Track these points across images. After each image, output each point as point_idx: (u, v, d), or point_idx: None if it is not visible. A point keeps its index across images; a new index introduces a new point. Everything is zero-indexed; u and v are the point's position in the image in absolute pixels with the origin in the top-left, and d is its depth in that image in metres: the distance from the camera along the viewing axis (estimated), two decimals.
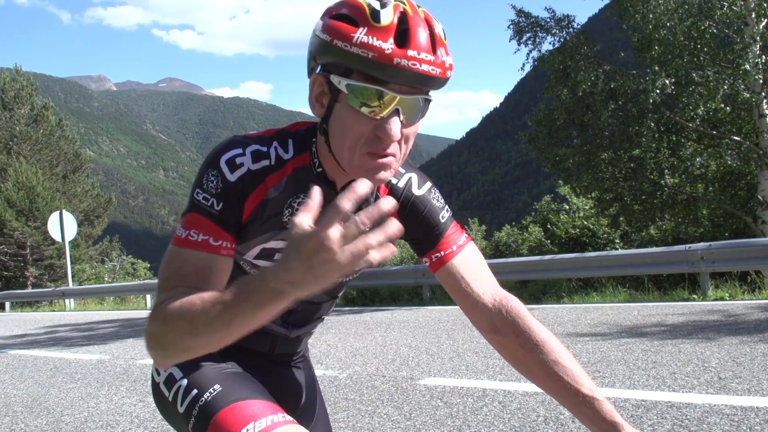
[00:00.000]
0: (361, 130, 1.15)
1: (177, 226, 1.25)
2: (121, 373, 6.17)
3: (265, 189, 1.26)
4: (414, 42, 1.10)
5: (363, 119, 1.14)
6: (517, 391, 4.06)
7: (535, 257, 11.75)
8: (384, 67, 1.08)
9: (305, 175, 1.29)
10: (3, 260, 27.95)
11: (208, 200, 1.22)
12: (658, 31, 13.75)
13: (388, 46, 1.08)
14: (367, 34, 1.08)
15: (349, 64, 1.11)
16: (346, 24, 1.11)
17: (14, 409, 5.01)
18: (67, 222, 20.02)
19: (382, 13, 1.10)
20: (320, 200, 0.92)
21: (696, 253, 8.77)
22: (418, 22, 1.12)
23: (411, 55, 1.09)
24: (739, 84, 13.87)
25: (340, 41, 1.09)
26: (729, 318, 6.45)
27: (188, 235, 1.21)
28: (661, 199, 15.74)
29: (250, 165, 1.24)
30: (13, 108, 31.46)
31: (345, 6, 1.14)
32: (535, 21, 15.44)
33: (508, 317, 1.38)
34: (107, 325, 11.90)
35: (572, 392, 1.31)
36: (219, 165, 1.23)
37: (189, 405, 1.32)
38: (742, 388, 3.67)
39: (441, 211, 1.43)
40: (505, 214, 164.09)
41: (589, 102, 14.64)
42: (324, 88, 1.18)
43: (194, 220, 1.22)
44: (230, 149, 1.25)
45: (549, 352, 1.34)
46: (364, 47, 1.08)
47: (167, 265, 1.21)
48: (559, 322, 7.13)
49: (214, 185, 1.22)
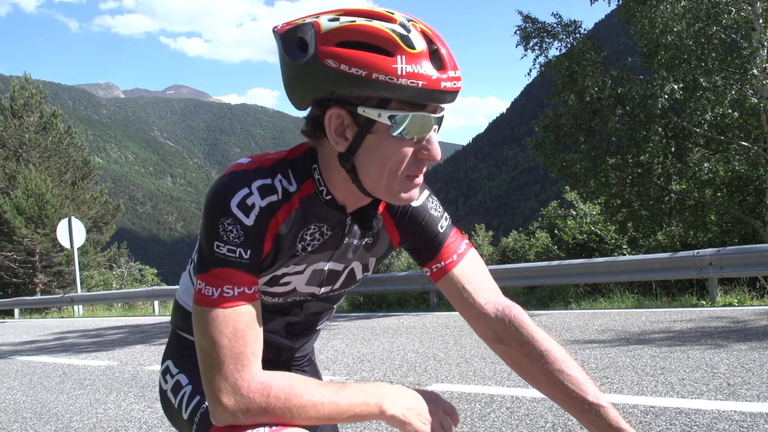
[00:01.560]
0: (403, 156, 1.15)
1: (197, 284, 1.19)
2: (129, 380, 6.19)
3: (277, 224, 1.22)
4: (448, 63, 1.11)
5: (406, 145, 1.14)
6: (525, 397, 4.05)
7: (543, 263, 11.72)
8: (433, 93, 1.09)
9: (313, 205, 1.26)
10: (12, 267, 28.11)
11: (234, 251, 1.17)
12: (665, 36, 13.74)
13: (432, 72, 1.08)
14: (408, 62, 1.07)
15: (393, 96, 1.09)
16: (378, 54, 1.08)
17: (23, 415, 5.03)
18: (76, 229, 20.12)
19: (413, 39, 1.09)
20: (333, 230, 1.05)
21: (704, 258, 8.74)
22: (439, 40, 1.13)
23: (450, 76, 1.11)
24: (747, 89, 13.84)
25: (382, 75, 1.06)
26: (738, 324, 6.41)
27: (222, 292, 1.16)
28: (668, 204, 15.70)
29: (260, 203, 1.19)
30: (22, 116, 31.65)
31: (359, 34, 1.10)
32: (541, 26, 15.47)
33: (510, 327, 1.38)
34: (115, 332, 11.94)
35: (578, 400, 1.31)
36: (232, 212, 1.17)
37: (192, 411, 1.34)
38: (751, 395, 3.65)
39: (440, 221, 1.42)
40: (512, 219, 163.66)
41: (596, 107, 14.63)
42: (346, 120, 1.14)
43: (223, 275, 1.17)
44: (236, 190, 1.18)
45: (553, 361, 1.34)
46: (412, 77, 1.07)
47: (218, 331, 1.16)
48: (567, 328, 7.11)
49: (235, 235, 1.17)
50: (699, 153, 15.51)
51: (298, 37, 1.14)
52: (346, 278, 1.44)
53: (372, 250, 1.42)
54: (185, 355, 1.50)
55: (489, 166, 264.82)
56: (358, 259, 1.41)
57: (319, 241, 1.30)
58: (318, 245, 1.31)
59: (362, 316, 11.35)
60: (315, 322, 1.57)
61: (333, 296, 1.50)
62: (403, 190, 1.19)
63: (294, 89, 1.18)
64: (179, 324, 1.55)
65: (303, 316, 1.49)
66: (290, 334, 1.53)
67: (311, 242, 1.29)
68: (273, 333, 1.49)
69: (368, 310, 13.14)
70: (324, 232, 1.30)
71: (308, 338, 1.60)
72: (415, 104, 1.11)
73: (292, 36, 1.15)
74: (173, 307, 1.59)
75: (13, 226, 27.26)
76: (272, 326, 1.47)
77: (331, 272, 1.39)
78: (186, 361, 1.48)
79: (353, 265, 1.42)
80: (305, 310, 1.48)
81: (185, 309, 1.50)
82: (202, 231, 1.20)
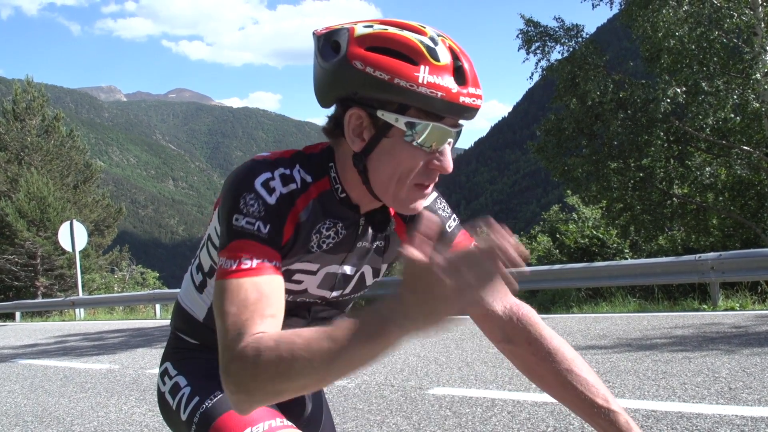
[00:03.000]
0: (415, 164, 1.16)
1: (220, 261, 1.14)
2: (130, 383, 6.19)
3: (297, 213, 1.22)
4: (470, 79, 1.13)
5: (419, 154, 1.16)
6: (526, 401, 4.05)
7: (544, 267, 11.71)
8: (451, 106, 1.11)
9: (328, 201, 1.27)
10: (14, 270, 28.11)
11: (254, 224, 1.14)
12: (667, 40, 13.75)
13: (453, 85, 1.10)
14: (430, 73, 1.09)
15: (412, 103, 1.11)
16: (403, 62, 1.10)
17: (24, 418, 5.03)
18: (78, 232, 20.13)
19: (439, 52, 1.12)
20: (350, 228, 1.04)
21: (706, 263, 8.72)
22: (464, 57, 1.15)
23: (471, 92, 1.12)
24: (749, 94, 13.83)
25: (403, 81, 1.09)
26: (739, 328, 6.40)
27: (240, 263, 1.11)
28: (670, 208, 15.69)
29: (281, 189, 1.20)
30: (24, 119, 31.68)
31: (388, 41, 1.13)
32: (543, 30, 15.49)
33: (519, 325, 1.37)
34: (117, 335, 11.94)
35: (587, 402, 1.28)
36: (255, 188, 1.17)
37: (191, 412, 1.34)
38: (752, 399, 3.65)
39: (447, 221, 1.43)
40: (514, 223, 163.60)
41: (598, 111, 14.64)
42: (365, 121, 1.16)
43: (242, 246, 1.13)
44: (260, 173, 1.19)
45: (562, 361, 1.32)
46: (432, 87, 1.09)
47: (230, 300, 1.09)
48: (569, 332, 7.10)
49: (256, 209, 1.15)
50: (701, 157, 15.51)
51: (333, 40, 1.19)
52: (357, 283, 1.44)
53: (384, 255, 1.42)
54: (184, 357, 1.50)
55: (491, 170, 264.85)
56: (369, 263, 1.41)
57: (334, 239, 1.30)
58: (332, 245, 1.31)
59: None
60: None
61: (342, 301, 1.49)
62: (409, 199, 1.20)
63: (321, 87, 1.21)
64: (179, 326, 1.55)
65: (310, 320, 1.47)
66: None
67: (326, 239, 1.29)
68: None
69: None
70: (339, 230, 1.30)
71: None
72: (433, 114, 1.13)
73: (329, 38, 1.20)
74: (174, 308, 1.58)
75: (14, 229, 27.27)
76: None
77: (343, 276, 1.39)
78: (185, 363, 1.48)
79: (364, 269, 1.42)
80: (312, 313, 1.47)
81: (186, 311, 1.50)
82: (222, 210, 1.18)
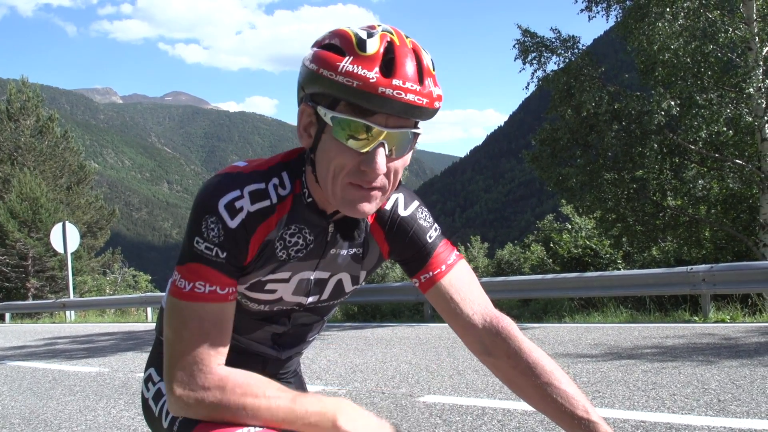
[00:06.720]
0: (345, 162, 1.14)
1: (174, 275, 1.21)
2: (119, 386, 6.16)
3: (267, 230, 1.23)
4: (400, 71, 1.08)
5: (348, 152, 1.13)
6: (516, 410, 4.05)
7: (537, 276, 11.74)
8: (369, 96, 1.07)
9: (299, 206, 1.26)
10: (4, 271, 27.98)
11: (212, 250, 1.17)
12: (662, 53, 13.83)
13: (372, 75, 1.07)
14: (352, 63, 1.07)
15: (335, 94, 1.10)
16: (333, 53, 1.10)
17: (12, 421, 5.00)
18: (70, 234, 20.06)
19: (369, 43, 1.09)
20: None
21: (698, 274, 8.77)
22: (405, 52, 1.11)
23: (396, 85, 1.07)
24: (743, 108, 13.92)
25: (326, 70, 1.09)
26: (729, 340, 6.43)
27: (194, 287, 1.18)
28: (663, 220, 15.75)
29: (249, 207, 1.19)
30: (18, 119, 31.60)
31: (334, 36, 1.14)
32: (540, 41, 15.53)
33: (498, 338, 1.36)
34: (107, 338, 11.89)
35: (567, 414, 1.28)
36: (218, 211, 1.17)
37: (172, 419, 1.32)
38: (741, 411, 3.66)
39: (429, 231, 1.40)
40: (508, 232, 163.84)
41: (592, 122, 14.70)
42: (312, 118, 1.17)
43: (198, 270, 1.18)
44: (227, 191, 1.19)
45: (541, 374, 1.32)
46: (348, 76, 1.07)
47: (183, 324, 1.18)
48: (560, 342, 7.11)
49: (215, 233, 1.17)
50: (694, 170, 15.58)
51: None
52: (334, 289, 1.43)
53: (362, 262, 1.41)
54: None
55: (486, 179, 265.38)
56: (347, 270, 1.40)
57: (303, 246, 1.29)
58: (302, 252, 1.29)
59: (356, 326, 11.33)
60: (304, 334, 1.54)
61: (321, 307, 1.48)
62: (345, 198, 1.16)
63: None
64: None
65: (290, 326, 1.47)
66: (277, 344, 1.51)
67: (293, 247, 1.28)
68: (259, 343, 1.48)
69: (362, 320, 13.12)
70: (306, 236, 1.29)
71: (294, 350, 1.57)
72: (363, 111, 1.10)
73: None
74: (159, 314, 1.57)
75: (6, 230, 27.17)
76: (258, 335, 1.46)
77: (317, 281, 1.38)
78: None
79: (341, 276, 1.40)
80: (293, 320, 1.46)
81: None
82: (187, 225, 1.22)
